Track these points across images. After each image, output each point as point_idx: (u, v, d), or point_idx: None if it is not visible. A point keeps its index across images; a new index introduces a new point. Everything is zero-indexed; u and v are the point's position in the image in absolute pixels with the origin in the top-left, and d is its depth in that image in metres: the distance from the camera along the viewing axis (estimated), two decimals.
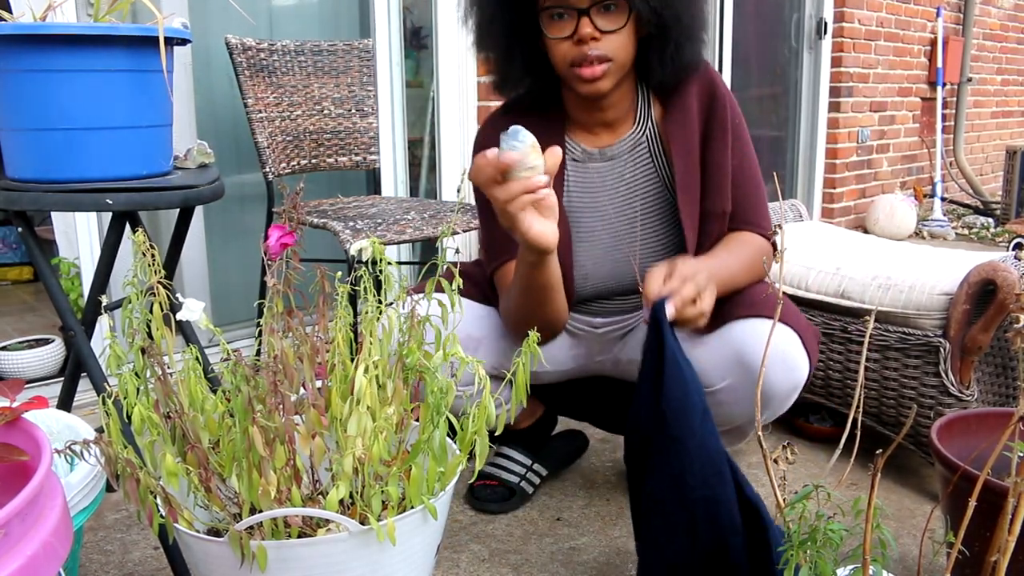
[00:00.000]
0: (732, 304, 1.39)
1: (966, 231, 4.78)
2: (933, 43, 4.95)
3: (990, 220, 4.88)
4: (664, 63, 1.36)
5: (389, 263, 1.14)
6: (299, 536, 0.99)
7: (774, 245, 1.44)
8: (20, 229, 1.34)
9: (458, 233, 2.22)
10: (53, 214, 2.16)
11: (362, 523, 0.96)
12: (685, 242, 1.41)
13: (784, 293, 1.50)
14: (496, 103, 2.90)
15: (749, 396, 1.33)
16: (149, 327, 1.07)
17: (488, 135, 1.44)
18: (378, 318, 1.12)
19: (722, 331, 1.37)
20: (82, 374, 1.45)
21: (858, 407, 1.03)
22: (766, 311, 1.34)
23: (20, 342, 2.30)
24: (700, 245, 1.41)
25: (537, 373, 1.50)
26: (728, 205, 1.41)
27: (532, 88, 1.43)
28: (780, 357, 1.32)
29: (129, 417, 1.01)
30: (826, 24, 4.24)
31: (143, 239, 1.10)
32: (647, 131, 1.44)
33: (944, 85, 5.00)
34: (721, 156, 1.41)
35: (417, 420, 1.10)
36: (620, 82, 1.37)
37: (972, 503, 0.95)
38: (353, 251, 1.15)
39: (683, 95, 1.42)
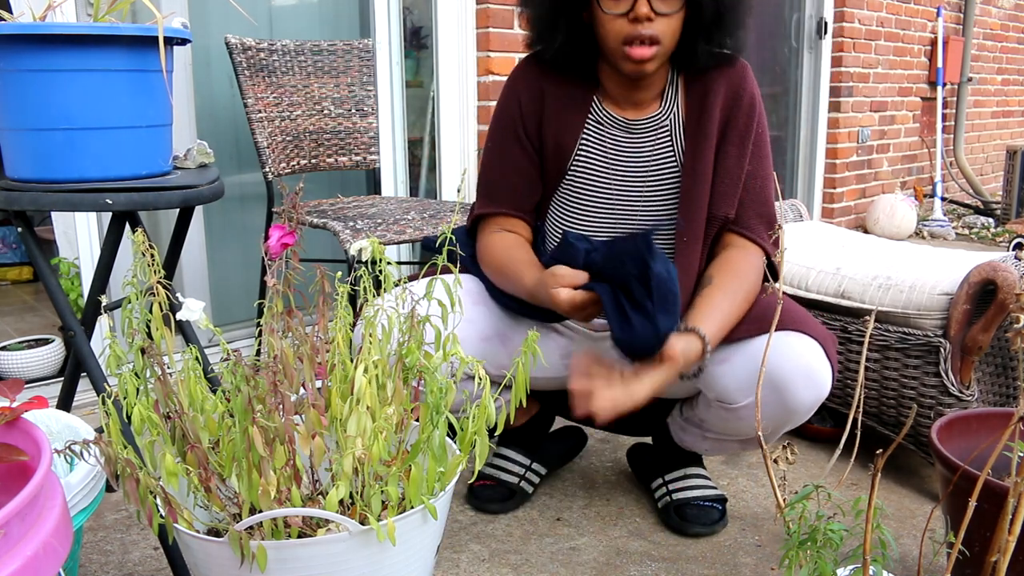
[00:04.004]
0: (746, 320, 1.37)
1: (966, 231, 4.78)
2: (933, 43, 4.95)
3: (990, 220, 4.88)
4: (711, 50, 1.39)
5: (389, 263, 1.14)
6: (299, 536, 0.99)
7: (768, 250, 1.44)
8: (20, 229, 1.34)
9: None
10: (53, 214, 2.17)
11: (362, 523, 0.96)
12: (681, 226, 1.41)
13: (793, 299, 1.50)
14: (496, 103, 2.91)
15: (772, 411, 1.33)
16: (149, 327, 1.07)
17: (525, 82, 1.47)
18: (373, 317, 1.12)
19: (744, 348, 1.36)
20: (82, 374, 1.45)
21: (858, 407, 1.03)
22: (786, 325, 1.33)
23: (20, 342, 2.30)
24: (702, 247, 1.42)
25: (533, 378, 1.50)
26: (732, 212, 1.41)
27: (568, 51, 1.42)
28: (805, 372, 1.31)
29: (129, 417, 1.01)
30: (826, 24, 4.24)
31: (143, 239, 1.10)
32: (671, 115, 1.45)
33: (944, 85, 5.00)
34: (735, 164, 1.41)
35: (417, 420, 1.10)
36: (660, 65, 1.38)
37: (972, 503, 0.95)
38: (353, 251, 1.15)
39: (708, 90, 1.42)
